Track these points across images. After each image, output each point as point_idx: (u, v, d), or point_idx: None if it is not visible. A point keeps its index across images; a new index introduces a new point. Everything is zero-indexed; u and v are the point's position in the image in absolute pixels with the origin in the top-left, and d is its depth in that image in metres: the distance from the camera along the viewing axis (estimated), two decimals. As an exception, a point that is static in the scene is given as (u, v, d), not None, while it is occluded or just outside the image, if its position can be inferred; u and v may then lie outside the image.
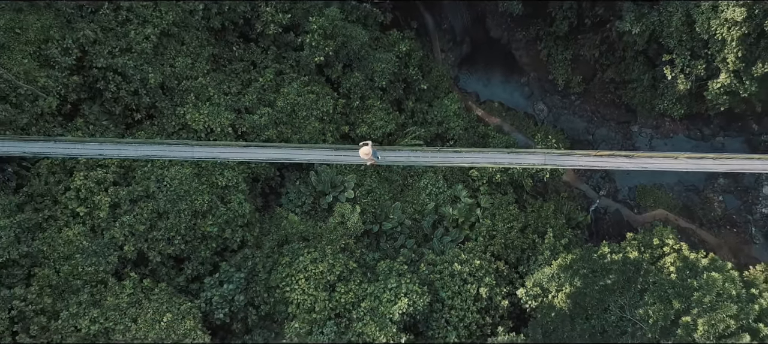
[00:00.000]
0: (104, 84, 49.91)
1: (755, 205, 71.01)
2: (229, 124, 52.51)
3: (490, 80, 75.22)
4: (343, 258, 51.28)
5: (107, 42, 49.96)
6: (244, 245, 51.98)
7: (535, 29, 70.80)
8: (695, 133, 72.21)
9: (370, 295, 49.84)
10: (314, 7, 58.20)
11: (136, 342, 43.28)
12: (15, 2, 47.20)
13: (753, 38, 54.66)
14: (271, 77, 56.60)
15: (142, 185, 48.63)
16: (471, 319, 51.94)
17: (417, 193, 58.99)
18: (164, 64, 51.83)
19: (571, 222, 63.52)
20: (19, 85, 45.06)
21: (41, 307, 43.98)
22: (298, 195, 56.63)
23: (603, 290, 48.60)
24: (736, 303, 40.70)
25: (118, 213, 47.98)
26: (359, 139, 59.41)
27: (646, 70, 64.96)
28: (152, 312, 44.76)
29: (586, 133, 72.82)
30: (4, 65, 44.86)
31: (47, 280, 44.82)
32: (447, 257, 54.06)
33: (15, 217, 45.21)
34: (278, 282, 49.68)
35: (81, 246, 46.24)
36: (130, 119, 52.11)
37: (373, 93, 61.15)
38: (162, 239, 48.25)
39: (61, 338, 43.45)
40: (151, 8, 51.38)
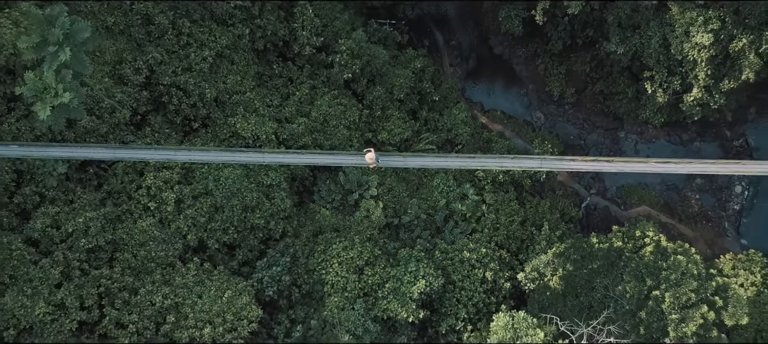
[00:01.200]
0: (168, 98, 58.86)
1: (728, 203, 79.69)
2: (272, 132, 61.41)
3: (494, 91, 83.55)
4: (369, 246, 60.20)
5: (171, 63, 58.88)
6: (285, 235, 60.94)
7: (533, 47, 79.28)
8: (675, 139, 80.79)
9: (393, 278, 58.80)
10: (343, 30, 67.14)
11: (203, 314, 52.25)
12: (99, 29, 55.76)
13: (720, 59, 63.65)
14: (306, 91, 65.59)
15: (202, 184, 57.57)
16: (478, 298, 60.93)
17: (430, 191, 67.74)
18: (218, 81, 60.75)
19: (565, 216, 72.34)
20: (103, 99, 53.82)
21: (123, 285, 53.04)
22: (328, 193, 65.50)
23: (590, 273, 57.68)
24: (696, 280, 49.76)
25: (182, 207, 56.94)
26: (381, 144, 68.66)
27: (630, 83, 73.66)
28: (215, 290, 53.77)
29: (579, 138, 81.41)
30: (90, 84, 53.57)
31: (127, 263, 53.85)
32: (457, 246, 62.96)
33: (99, 211, 54.20)
34: (315, 266, 58.65)
35: (152, 235, 55.16)
36: (188, 128, 61.03)
37: (392, 104, 70.05)
38: (218, 229, 57.22)
39: (139, 311, 52.45)
40: (207, 33, 60.32)
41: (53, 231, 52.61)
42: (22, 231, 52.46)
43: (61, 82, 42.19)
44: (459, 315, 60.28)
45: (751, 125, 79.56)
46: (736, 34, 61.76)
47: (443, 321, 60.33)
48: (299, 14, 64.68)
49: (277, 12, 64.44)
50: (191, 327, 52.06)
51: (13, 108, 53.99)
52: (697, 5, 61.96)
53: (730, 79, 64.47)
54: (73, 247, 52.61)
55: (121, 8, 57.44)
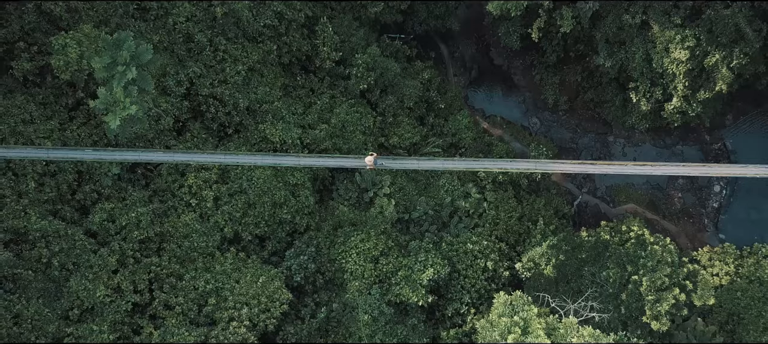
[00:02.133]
0: (206, 107, 66.42)
1: (707, 201, 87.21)
2: (297, 137, 68.95)
3: (494, 98, 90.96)
4: (384, 238, 67.73)
5: (209, 76, 66.44)
6: (308, 228, 68.48)
7: (529, 59, 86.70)
8: (659, 142, 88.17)
9: (404, 266, 66.34)
10: (359, 46, 74.67)
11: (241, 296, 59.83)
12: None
13: (696, 72, 71.19)
14: (326, 100, 73.14)
15: (237, 183, 65.10)
16: (480, 285, 68.47)
17: (437, 190, 75.16)
18: (250, 92, 68.26)
19: (558, 213, 79.78)
20: (152, 108, 61.35)
21: (170, 271, 60.66)
22: (346, 191, 73.00)
23: (579, 262, 65.30)
24: (670, 267, 57.43)
25: (220, 204, 64.50)
26: (393, 147, 76.22)
27: (618, 93, 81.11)
28: (250, 276, 61.37)
29: (571, 142, 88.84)
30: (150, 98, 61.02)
31: (173, 252, 61.44)
32: (461, 239, 70.44)
33: (148, 206, 61.80)
34: (336, 256, 66.21)
35: (194, 228, 62.72)
36: (223, 133, 68.55)
37: (403, 111, 77.60)
38: (251, 223, 64.80)
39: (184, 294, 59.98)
40: (240, 50, 67.88)
41: (109, 224, 60.23)
42: (83, 225, 60.11)
43: (129, 97, 49.77)
44: (463, 299, 67.88)
45: (728, 130, 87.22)
46: (709, 50, 69.29)
47: (449, 305, 67.96)
48: (320, 32, 72.30)
49: (300, 30, 72.05)
50: (230, 308, 59.63)
51: (74, 116, 61.65)
52: (675, 25, 69.50)
53: (706, 89, 71.98)
54: (127, 238, 60.26)
55: (165, 28, 64.99)
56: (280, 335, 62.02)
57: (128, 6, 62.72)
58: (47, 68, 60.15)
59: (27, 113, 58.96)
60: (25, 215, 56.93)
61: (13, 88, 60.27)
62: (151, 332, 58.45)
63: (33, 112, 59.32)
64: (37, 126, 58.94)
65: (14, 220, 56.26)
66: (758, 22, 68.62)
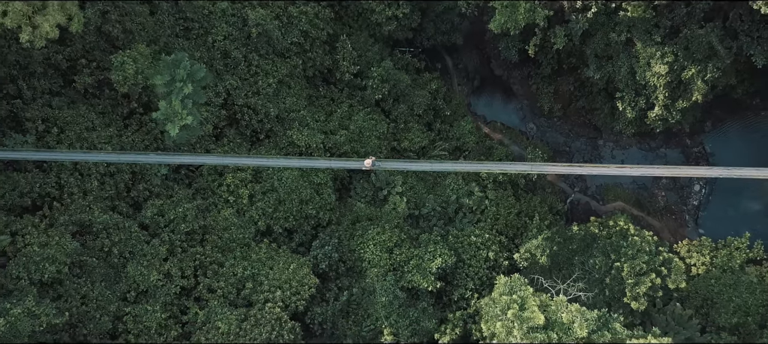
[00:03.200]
0: (241, 115, 75.14)
1: (688, 199, 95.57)
2: (320, 141, 77.63)
3: (494, 106, 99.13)
4: (397, 231, 76.22)
5: (243, 87, 75.16)
6: (330, 222, 77.02)
7: (526, 70, 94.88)
8: (644, 146, 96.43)
9: (415, 256, 74.79)
10: (374, 60, 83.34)
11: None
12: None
13: (674, 84, 79.77)
14: (345, 109, 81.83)
15: (269, 182, 73.75)
16: (482, 273, 76.92)
17: (444, 189, 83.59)
18: (279, 102, 76.93)
19: (553, 209, 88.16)
20: (196, 116, 70.02)
21: (213, 259, 69.30)
22: (362, 190, 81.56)
23: (570, 252, 73.93)
24: (647, 255, 66.21)
25: (254, 200, 73.10)
26: (404, 151, 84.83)
27: (606, 101, 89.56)
28: (282, 263, 70.04)
29: (565, 145, 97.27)
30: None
31: (214, 243, 70.09)
32: (466, 232, 78.83)
33: (192, 203, 70.46)
34: (355, 247, 74.81)
35: (232, 221, 71.37)
36: (255, 138, 77.23)
37: (413, 118, 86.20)
38: (281, 217, 73.42)
39: (225, 279, 68.66)
40: (271, 64, 76.58)
41: (159, 218, 68.85)
42: (137, 218, 68.66)
43: (185, 109, 58.47)
44: (468, 285, 76.31)
45: (707, 135, 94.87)
46: (686, 65, 77.66)
47: (455, 290, 76.41)
48: (340, 48, 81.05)
49: (323, 46, 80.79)
50: (266, 291, 68.21)
51: (128, 124, 70.44)
52: (655, 42, 77.93)
53: (683, 99, 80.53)
54: (175, 231, 68.89)
55: (206, 45, 73.69)
56: (308, 315, 70.71)
57: (175, 27, 71.53)
58: (105, 82, 68.85)
59: (89, 121, 67.66)
60: (90, 210, 65.57)
61: (75, 99, 68.95)
62: (197, 312, 67.10)
63: (94, 120, 68.05)
64: (98, 132, 67.62)
65: (81, 214, 64.89)
66: (728, 40, 77.11)
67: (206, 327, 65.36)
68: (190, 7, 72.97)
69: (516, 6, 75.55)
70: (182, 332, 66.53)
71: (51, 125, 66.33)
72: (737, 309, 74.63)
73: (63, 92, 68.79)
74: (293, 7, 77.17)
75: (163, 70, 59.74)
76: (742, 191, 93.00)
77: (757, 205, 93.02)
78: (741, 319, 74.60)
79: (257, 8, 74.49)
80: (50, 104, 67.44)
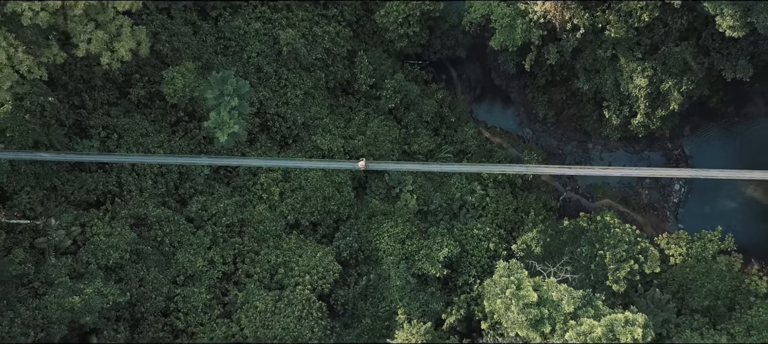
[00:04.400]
0: (272, 123, 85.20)
1: (669, 196, 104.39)
2: (340, 146, 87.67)
3: (494, 112, 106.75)
4: (408, 225, 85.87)
5: (274, 98, 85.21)
6: (349, 217, 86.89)
7: (523, 80, 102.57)
8: (630, 149, 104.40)
9: (425, 247, 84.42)
10: (387, 72, 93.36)
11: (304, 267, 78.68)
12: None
13: (654, 95, 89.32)
14: (362, 117, 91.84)
15: (297, 182, 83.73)
16: (484, 262, 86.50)
17: (449, 187, 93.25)
18: (305, 111, 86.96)
19: (546, 206, 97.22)
20: (241, 124, 80.00)
21: (250, 248, 79.33)
22: (377, 188, 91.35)
23: (561, 243, 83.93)
24: (627, 244, 76.33)
25: (284, 197, 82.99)
26: (414, 154, 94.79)
27: (595, 109, 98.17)
28: (309, 252, 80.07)
29: (558, 148, 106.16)
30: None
31: (251, 234, 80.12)
32: (469, 226, 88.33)
33: (231, 199, 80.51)
34: (372, 238, 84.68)
35: (265, 215, 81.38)
36: (283, 143, 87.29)
37: (421, 124, 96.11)
38: (307, 212, 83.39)
39: (260, 265, 78.72)
40: (298, 78, 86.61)
41: (203, 212, 78.89)
42: (184, 213, 78.72)
43: (232, 119, 68.65)
44: (470, 273, 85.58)
45: (686, 139, 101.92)
46: (664, 78, 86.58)
47: (459, 277, 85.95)
48: (358, 62, 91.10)
49: (343, 61, 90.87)
50: (296, 275, 78.13)
51: (176, 131, 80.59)
52: (637, 58, 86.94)
53: (662, 108, 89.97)
54: (217, 223, 78.94)
55: (241, 61, 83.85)
56: (332, 297, 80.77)
57: (216, 45, 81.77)
58: (156, 93, 78.97)
59: (143, 128, 77.76)
60: (145, 205, 75.63)
61: (130, 109, 79.06)
62: (236, 294, 77.06)
63: (147, 127, 78.17)
64: (151, 138, 77.73)
65: (137, 209, 74.98)
66: (701, 57, 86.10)
67: (246, 307, 75.36)
68: (228, 27, 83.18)
69: (514, 26, 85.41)
70: (224, 311, 76.48)
71: (111, 132, 76.37)
72: (709, 293, 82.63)
73: (119, 103, 78.82)
74: (317, 27, 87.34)
75: (214, 86, 69.88)
76: (718, 190, 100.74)
77: (731, 203, 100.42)
78: (712, 303, 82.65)
79: (287, 28, 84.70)
80: (109, 113, 77.48)
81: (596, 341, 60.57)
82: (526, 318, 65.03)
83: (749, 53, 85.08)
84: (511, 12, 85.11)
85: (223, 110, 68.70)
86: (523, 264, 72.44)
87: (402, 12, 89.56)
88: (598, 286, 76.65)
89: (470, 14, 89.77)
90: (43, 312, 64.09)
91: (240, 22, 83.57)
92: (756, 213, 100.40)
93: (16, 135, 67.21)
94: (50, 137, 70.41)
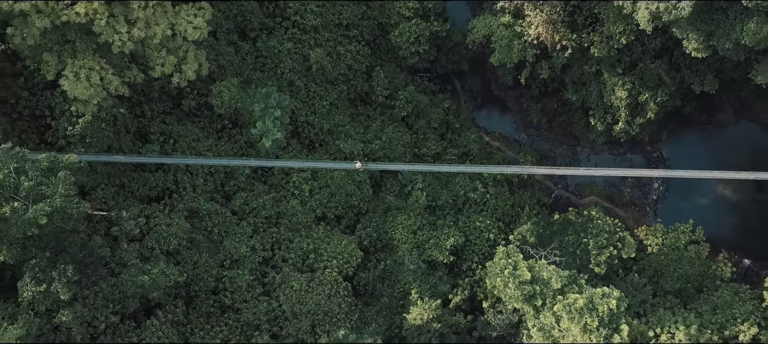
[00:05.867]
0: (302, 129, 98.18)
1: (649, 194, 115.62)
2: (360, 149, 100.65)
3: (493, 119, 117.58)
4: (419, 218, 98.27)
5: (304, 108, 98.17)
6: (368, 211, 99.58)
7: (519, 91, 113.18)
8: (614, 152, 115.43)
9: (433, 237, 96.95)
10: (401, 85, 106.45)
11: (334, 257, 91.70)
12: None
13: (633, 105, 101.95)
14: (378, 124, 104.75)
15: (323, 180, 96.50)
16: (485, 250, 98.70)
17: (454, 186, 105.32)
18: (330, 119, 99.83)
19: (540, 202, 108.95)
20: (282, 132, 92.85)
21: (285, 237, 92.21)
22: (391, 186, 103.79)
23: (551, 233, 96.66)
24: (607, 233, 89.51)
25: (313, 194, 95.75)
26: (423, 156, 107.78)
27: (582, 117, 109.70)
28: (336, 240, 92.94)
29: (550, 151, 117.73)
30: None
31: (286, 225, 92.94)
32: (472, 219, 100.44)
33: (268, 195, 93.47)
34: (388, 229, 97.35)
35: (298, 209, 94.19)
36: (311, 147, 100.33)
37: (430, 130, 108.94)
38: (333, 207, 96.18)
39: (294, 251, 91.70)
40: (324, 90, 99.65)
41: (245, 206, 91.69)
42: (229, 206, 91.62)
43: (275, 127, 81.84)
44: (473, 259, 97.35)
45: (663, 143, 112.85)
46: (641, 91, 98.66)
47: (464, 263, 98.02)
48: (375, 76, 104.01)
49: (362, 76, 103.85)
50: (325, 260, 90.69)
51: (221, 137, 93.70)
52: (618, 73, 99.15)
53: (640, 117, 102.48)
54: (257, 216, 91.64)
55: (275, 75, 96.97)
56: (355, 278, 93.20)
57: (255, 63, 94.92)
58: (204, 104, 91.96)
59: (195, 134, 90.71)
60: (197, 200, 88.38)
61: (182, 118, 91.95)
62: (274, 276, 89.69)
63: (198, 133, 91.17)
64: (201, 143, 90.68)
65: (191, 203, 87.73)
66: (673, 72, 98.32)
67: (283, 286, 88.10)
68: (265, 47, 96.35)
69: (511, 46, 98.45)
70: (264, 290, 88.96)
71: (167, 137, 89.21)
72: (680, 278, 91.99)
73: (173, 112, 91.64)
74: (341, 46, 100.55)
75: (260, 100, 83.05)
76: (692, 188, 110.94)
77: (704, 200, 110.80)
78: (683, 285, 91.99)
79: (315, 48, 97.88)
80: (165, 121, 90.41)
81: (579, 309, 73.67)
82: (521, 293, 78.07)
83: (715, 69, 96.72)
84: (509, 33, 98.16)
85: (268, 120, 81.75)
86: (518, 249, 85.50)
87: (414, 32, 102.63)
88: (583, 269, 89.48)
89: (473, 34, 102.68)
90: (119, 288, 76.94)
91: (275, 43, 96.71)
92: (725, 208, 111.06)
93: (94, 141, 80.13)
94: (120, 142, 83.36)
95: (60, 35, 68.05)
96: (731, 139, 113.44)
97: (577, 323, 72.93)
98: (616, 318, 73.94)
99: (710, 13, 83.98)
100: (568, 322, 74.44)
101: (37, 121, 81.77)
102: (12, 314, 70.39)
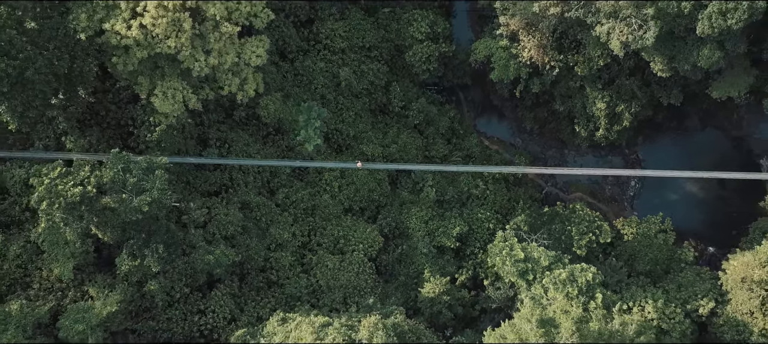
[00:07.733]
0: (331, 136, 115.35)
1: (627, 191, 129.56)
2: (380, 152, 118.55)
3: (492, 125, 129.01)
4: (430, 210, 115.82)
5: (334, 118, 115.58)
6: (386, 205, 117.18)
7: (515, 102, 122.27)
8: (597, 154, 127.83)
9: (442, 226, 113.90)
10: (414, 97, 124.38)
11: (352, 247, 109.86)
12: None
13: (611, 115, 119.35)
14: (395, 131, 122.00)
15: (350, 178, 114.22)
16: (485, 237, 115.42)
17: (459, 183, 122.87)
18: (355, 126, 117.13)
19: (532, 197, 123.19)
20: (321, 138, 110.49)
21: (320, 225, 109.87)
22: (405, 184, 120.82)
23: (542, 223, 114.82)
24: (587, 223, 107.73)
25: (341, 189, 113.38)
26: (433, 158, 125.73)
27: (569, 124, 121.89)
28: (361, 228, 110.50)
29: (541, 153, 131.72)
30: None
31: (320, 215, 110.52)
32: (474, 212, 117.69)
33: (305, 191, 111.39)
34: (404, 219, 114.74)
35: (329, 202, 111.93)
36: (339, 150, 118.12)
37: (438, 136, 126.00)
38: (358, 200, 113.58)
39: (327, 237, 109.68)
40: (350, 102, 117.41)
41: (286, 200, 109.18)
42: (272, 200, 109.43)
43: (315, 134, 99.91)
44: (476, 245, 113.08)
45: (640, 146, 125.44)
46: (618, 103, 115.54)
47: (468, 248, 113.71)
48: (392, 90, 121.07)
49: (381, 89, 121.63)
50: (353, 244, 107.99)
51: (266, 142, 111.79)
52: (598, 89, 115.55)
53: (617, 125, 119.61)
54: (296, 207, 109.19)
55: (309, 90, 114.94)
56: (378, 260, 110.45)
57: (293, 80, 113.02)
58: (252, 115, 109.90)
59: (245, 140, 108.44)
60: (248, 194, 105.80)
61: (233, 126, 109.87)
62: (311, 257, 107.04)
63: (247, 139, 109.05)
64: (250, 147, 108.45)
65: (243, 197, 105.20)
66: (644, 87, 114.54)
67: (319, 266, 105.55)
68: (301, 66, 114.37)
69: (508, 65, 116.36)
70: (303, 269, 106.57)
71: (223, 142, 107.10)
72: (650, 261, 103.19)
73: (225, 121, 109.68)
74: (364, 66, 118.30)
75: (303, 112, 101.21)
76: (665, 186, 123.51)
77: (674, 196, 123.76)
78: (652, 267, 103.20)
79: (343, 67, 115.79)
80: (220, 129, 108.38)
81: (562, 281, 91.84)
82: (516, 269, 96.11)
83: (680, 85, 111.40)
84: (506, 55, 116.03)
85: (310, 129, 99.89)
86: (514, 233, 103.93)
87: (425, 52, 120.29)
88: (567, 252, 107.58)
89: (475, 54, 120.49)
90: (191, 265, 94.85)
91: (309, 62, 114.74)
92: (693, 203, 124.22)
93: (167, 145, 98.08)
94: (186, 146, 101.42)
95: (152, 63, 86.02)
96: (698, 144, 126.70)
97: (561, 291, 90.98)
98: (591, 288, 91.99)
99: (672, 40, 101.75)
100: (554, 292, 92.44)
101: (122, 129, 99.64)
102: (110, 284, 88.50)
